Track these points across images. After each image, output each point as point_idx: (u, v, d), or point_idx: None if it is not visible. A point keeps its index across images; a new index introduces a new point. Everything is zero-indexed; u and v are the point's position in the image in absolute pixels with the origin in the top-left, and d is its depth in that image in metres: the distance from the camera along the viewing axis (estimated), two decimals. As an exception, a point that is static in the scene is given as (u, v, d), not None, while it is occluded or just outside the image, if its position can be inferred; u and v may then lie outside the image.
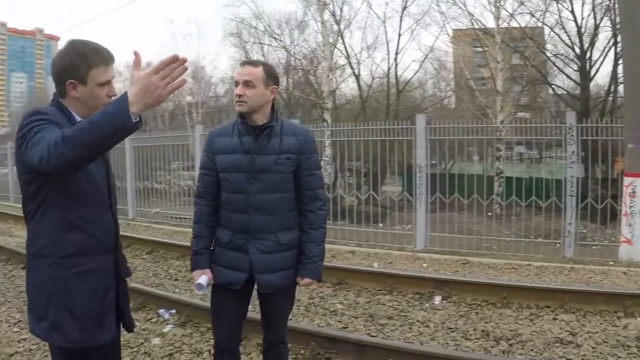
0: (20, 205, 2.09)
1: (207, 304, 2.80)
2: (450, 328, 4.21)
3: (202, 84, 33.17)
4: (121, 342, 3.90)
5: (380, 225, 10.00)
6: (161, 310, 4.58)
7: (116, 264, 2.15)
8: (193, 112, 30.33)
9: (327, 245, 7.75)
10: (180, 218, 11.53)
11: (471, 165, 12.92)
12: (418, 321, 4.41)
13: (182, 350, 3.81)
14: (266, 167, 2.54)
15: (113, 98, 2.03)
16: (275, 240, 2.58)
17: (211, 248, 2.70)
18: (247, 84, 2.50)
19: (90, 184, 2.00)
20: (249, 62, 2.60)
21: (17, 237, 10.27)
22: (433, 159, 9.65)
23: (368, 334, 4.16)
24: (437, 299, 4.93)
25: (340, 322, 4.49)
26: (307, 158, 2.61)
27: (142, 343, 3.96)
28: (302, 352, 3.74)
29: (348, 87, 24.55)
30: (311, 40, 22.12)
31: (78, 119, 2.00)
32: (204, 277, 2.61)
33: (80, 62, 1.97)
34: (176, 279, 6.11)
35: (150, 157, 12.37)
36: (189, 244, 2.81)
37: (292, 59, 22.08)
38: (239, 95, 2.50)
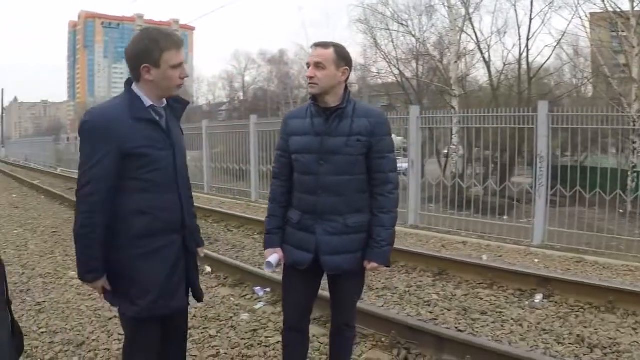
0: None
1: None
2: (545, 330, 3.97)
3: None
4: (212, 315, 4.29)
5: (505, 217, 9.55)
6: (257, 288, 4.87)
7: (184, 240, 2.34)
8: None
9: (439, 235, 7.69)
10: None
11: (605, 158, 11.75)
12: (512, 319, 4.21)
13: (267, 327, 4.02)
14: (336, 149, 2.55)
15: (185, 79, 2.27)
16: (342, 223, 2.59)
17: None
18: (318, 65, 2.52)
19: (154, 173, 2.21)
20: (319, 44, 2.59)
21: None
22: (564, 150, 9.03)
23: (456, 327, 4.06)
24: (538, 298, 4.65)
25: (431, 313, 4.43)
26: (378, 140, 2.59)
27: (231, 317, 4.26)
28: (382, 339, 3.75)
29: (479, 74, 23.49)
30: (439, 26, 21.44)
31: (147, 103, 2.22)
32: (274, 256, 2.69)
33: (154, 46, 2.16)
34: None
35: (273, 141, 12.55)
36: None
37: (420, 44, 21.59)
38: (310, 77, 2.54)
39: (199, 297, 2.53)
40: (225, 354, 3.65)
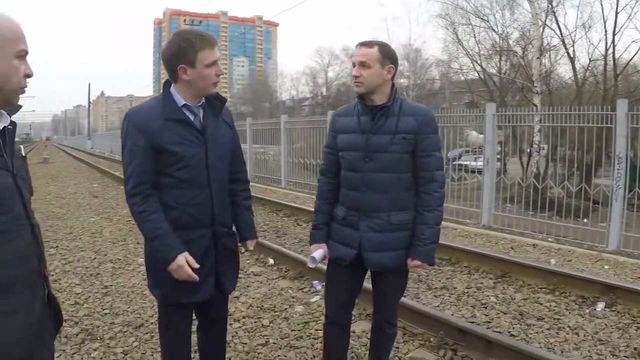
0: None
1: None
2: (601, 340, 3.83)
3: (417, 66, 33.02)
4: (268, 306, 4.49)
5: (584, 220, 9.15)
6: (315, 282, 5.04)
7: (214, 235, 2.47)
8: (403, 94, 30.72)
9: (510, 236, 7.46)
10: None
11: None
12: (569, 327, 4.10)
13: (319, 320, 4.14)
14: (381, 146, 2.59)
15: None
16: (386, 220, 2.63)
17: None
18: (363, 64, 2.56)
19: (185, 170, 2.35)
20: (364, 44, 2.63)
21: None
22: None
23: (509, 332, 4.01)
24: (600, 306, 4.48)
25: (486, 315, 4.40)
26: (424, 138, 2.60)
27: (286, 309, 4.46)
28: (431, 339, 3.80)
29: (563, 70, 22.29)
30: (521, 20, 20.55)
31: (180, 102, 2.37)
32: (319, 252, 2.76)
33: (188, 47, 2.28)
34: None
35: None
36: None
37: (502, 40, 20.84)
38: (356, 77, 2.59)
39: (224, 291, 2.63)
40: (274, 343, 3.85)
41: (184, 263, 2.31)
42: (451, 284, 5.34)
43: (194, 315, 2.71)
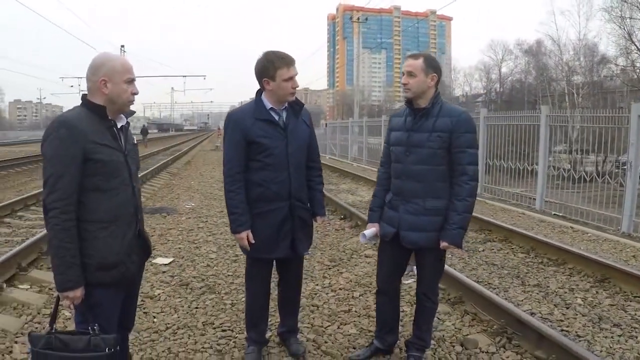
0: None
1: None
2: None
3: (593, 63, 30.27)
4: (365, 282, 5.19)
5: None
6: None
7: (290, 207, 3.21)
8: (574, 92, 28.27)
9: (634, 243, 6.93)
10: (529, 197, 11.58)
11: None
12: (641, 336, 4.04)
13: (403, 298, 4.55)
14: (420, 142, 3.09)
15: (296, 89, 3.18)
16: (422, 205, 3.12)
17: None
18: (410, 74, 3.07)
19: (270, 157, 3.14)
20: (411, 56, 3.15)
21: (357, 196, 12.48)
22: None
23: (576, 332, 4.10)
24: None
25: (563, 314, 4.50)
26: (457, 137, 3.04)
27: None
28: (494, 326, 4.09)
29: None
30: None
31: (268, 106, 3.17)
32: (371, 230, 3.33)
33: (269, 65, 3.11)
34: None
35: (502, 134, 12.53)
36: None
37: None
38: (404, 84, 3.12)
39: (298, 252, 3.36)
40: (356, 311, 4.55)
41: (244, 237, 3.16)
42: (546, 282, 5.45)
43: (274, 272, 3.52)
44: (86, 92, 2.34)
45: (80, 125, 2.20)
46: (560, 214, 10.17)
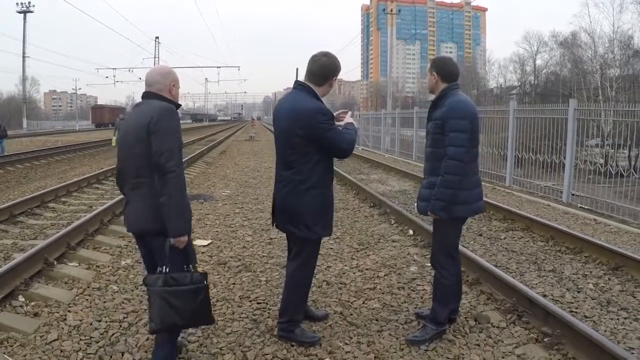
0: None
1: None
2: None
3: (628, 57, 29.66)
4: (390, 263, 5.86)
5: None
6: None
7: None
8: (607, 86, 27.73)
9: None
10: (557, 190, 11.63)
11: None
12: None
13: (425, 278, 5.18)
14: (429, 129, 3.79)
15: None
16: (427, 180, 3.78)
17: None
18: (428, 73, 3.84)
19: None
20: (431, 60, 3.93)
21: (387, 186, 12.80)
22: None
23: (584, 314, 4.38)
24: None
25: (574, 297, 4.80)
26: (445, 122, 3.57)
27: (403, 267, 5.73)
28: (505, 303, 4.46)
29: None
30: None
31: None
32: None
33: (338, 67, 3.57)
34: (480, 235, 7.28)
35: (531, 127, 12.69)
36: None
37: None
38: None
39: None
40: (380, 289, 4.99)
41: None
42: (561, 268, 5.76)
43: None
44: (150, 90, 3.02)
45: None
46: (587, 207, 10.32)
